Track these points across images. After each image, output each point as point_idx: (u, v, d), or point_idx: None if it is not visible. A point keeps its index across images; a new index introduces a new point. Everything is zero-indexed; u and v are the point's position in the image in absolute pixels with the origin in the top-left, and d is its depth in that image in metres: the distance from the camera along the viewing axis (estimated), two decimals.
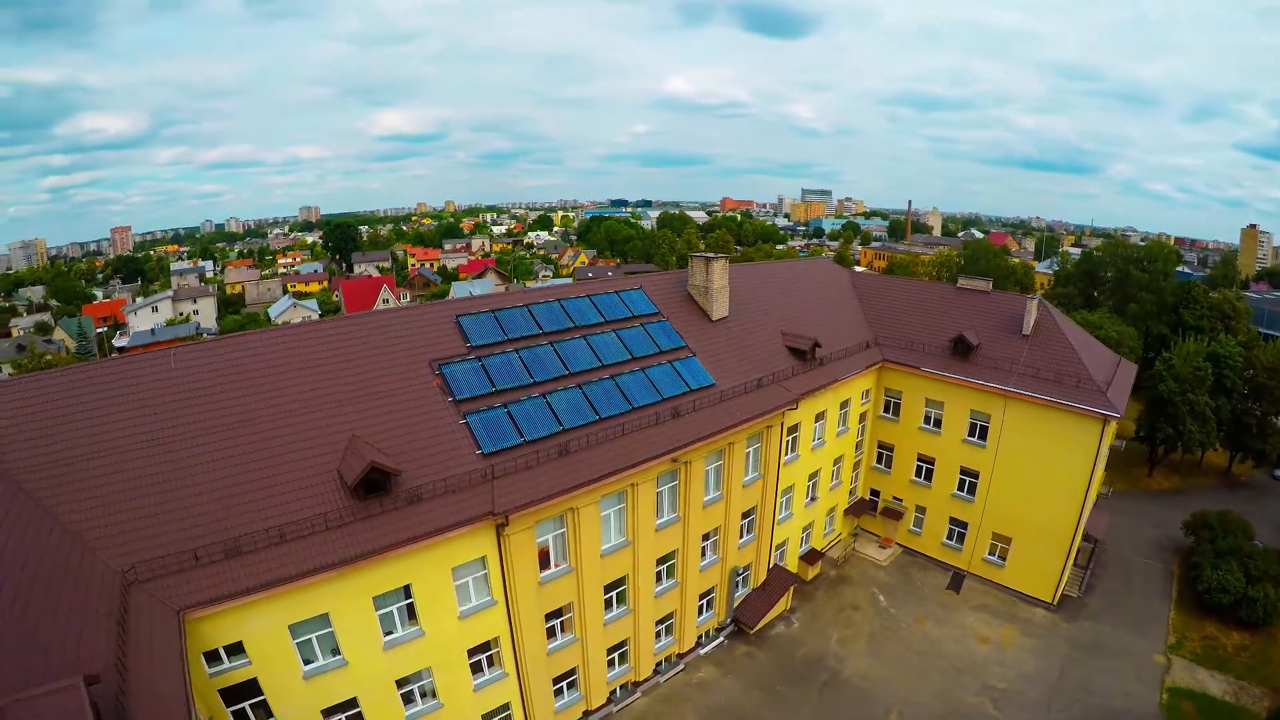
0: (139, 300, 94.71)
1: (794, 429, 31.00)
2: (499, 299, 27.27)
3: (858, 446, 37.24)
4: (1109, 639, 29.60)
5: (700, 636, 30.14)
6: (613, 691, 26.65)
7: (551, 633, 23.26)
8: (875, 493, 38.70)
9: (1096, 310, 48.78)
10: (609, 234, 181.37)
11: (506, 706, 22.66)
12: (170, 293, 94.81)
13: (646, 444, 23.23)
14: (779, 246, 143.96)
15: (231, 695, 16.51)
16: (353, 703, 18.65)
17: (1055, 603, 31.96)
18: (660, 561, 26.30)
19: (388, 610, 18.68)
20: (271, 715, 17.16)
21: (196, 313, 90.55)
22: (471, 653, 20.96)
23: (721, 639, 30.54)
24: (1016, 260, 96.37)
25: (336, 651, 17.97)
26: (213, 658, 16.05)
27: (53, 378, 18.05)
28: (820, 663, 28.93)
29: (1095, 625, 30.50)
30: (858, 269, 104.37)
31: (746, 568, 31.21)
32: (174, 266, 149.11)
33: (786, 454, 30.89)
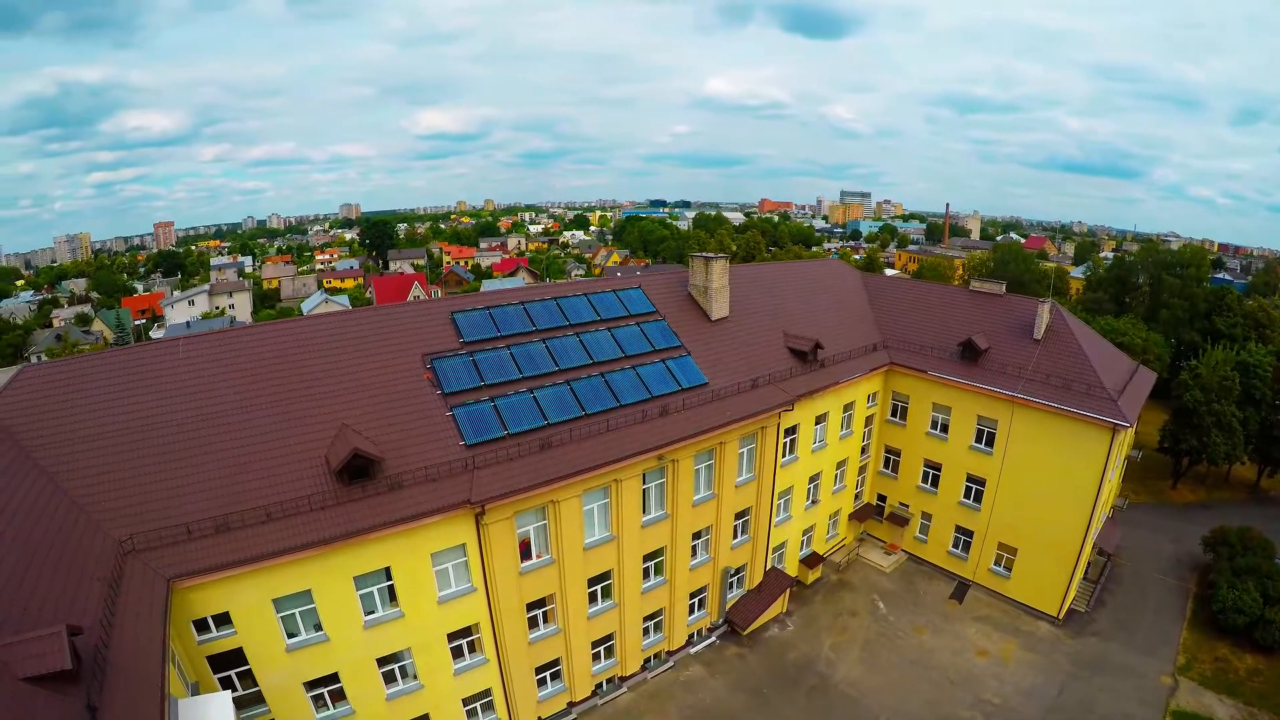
0: (176, 294, 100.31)
1: (792, 430, 31.19)
2: (497, 296, 28.36)
3: (864, 450, 37.11)
4: (1114, 657, 28.87)
5: (692, 635, 30.62)
6: (599, 685, 27.40)
7: (534, 623, 24.14)
8: (882, 498, 38.47)
9: (1123, 316, 47.16)
10: (643, 234, 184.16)
11: (488, 692, 23.67)
12: (207, 287, 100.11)
13: (630, 441, 23.89)
14: (814, 249, 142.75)
15: (219, 663, 17.91)
16: (334, 678, 19.89)
17: (1061, 617, 31.30)
18: (648, 558, 26.91)
19: (368, 590, 19.83)
20: (256, 685, 18.54)
21: (232, 306, 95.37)
22: (452, 637, 21.99)
23: (713, 639, 30.96)
24: (1050, 265, 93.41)
25: (319, 627, 19.19)
26: (202, 627, 17.44)
27: (71, 364, 19.84)
28: (810, 668, 29.07)
29: (1101, 642, 29.78)
30: (889, 272, 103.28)
31: (741, 569, 31.54)
32: (214, 261, 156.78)
33: (784, 455, 31.15)
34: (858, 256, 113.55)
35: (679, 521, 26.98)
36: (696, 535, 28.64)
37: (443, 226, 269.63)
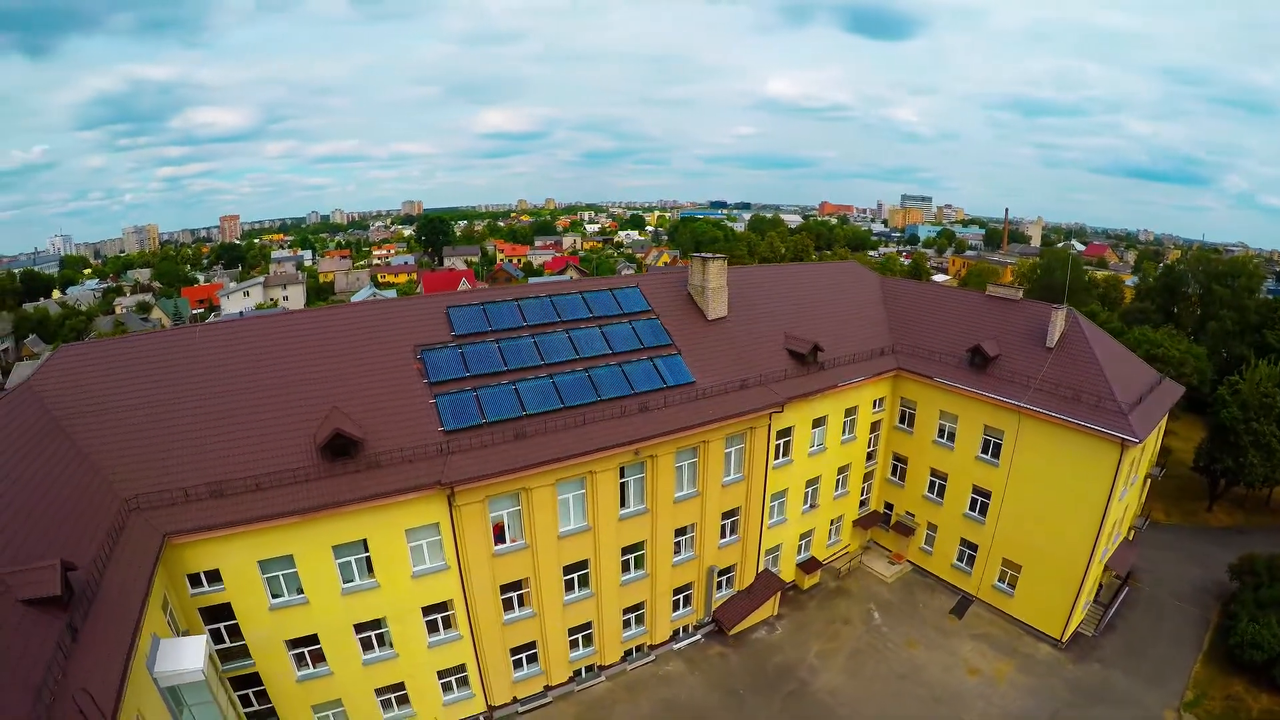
0: (232, 285, 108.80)
1: (786, 432, 31.65)
2: (495, 293, 30.34)
3: (870, 456, 37.00)
4: (1116, 686, 27.87)
5: (677, 631, 31.60)
6: (577, 671, 28.83)
7: (509, 604, 25.81)
8: (889, 506, 38.24)
9: (1162, 327, 44.49)
10: (695, 235, 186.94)
11: (463, 668, 25.50)
12: (262, 279, 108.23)
13: (603, 435, 25.20)
14: (871, 253, 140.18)
15: (210, 615, 20.44)
16: (314, 639, 22.16)
17: (1064, 640, 30.39)
18: (627, 551, 28.11)
19: (346, 560, 21.96)
20: (243, 639, 21.00)
21: (286, 298, 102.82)
22: (426, 611, 23.91)
23: (698, 636, 31.84)
24: (1103, 273, 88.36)
25: (300, 590, 21.47)
26: (195, 581, 19.97)
27: (101, 345, 23.02)
28: (792, 673, 29.49)
29: (1104, 670, 28.78)
30: (940, 278, 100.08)
31: (730, 568, 32.27)
32: (275, 255, 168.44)
33: (777, 458, 31.67)
34: (905, 261, 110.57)
35: (659, 517, 28.04)
36: (680, 532, 29.59)
37: (500, 224, 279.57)
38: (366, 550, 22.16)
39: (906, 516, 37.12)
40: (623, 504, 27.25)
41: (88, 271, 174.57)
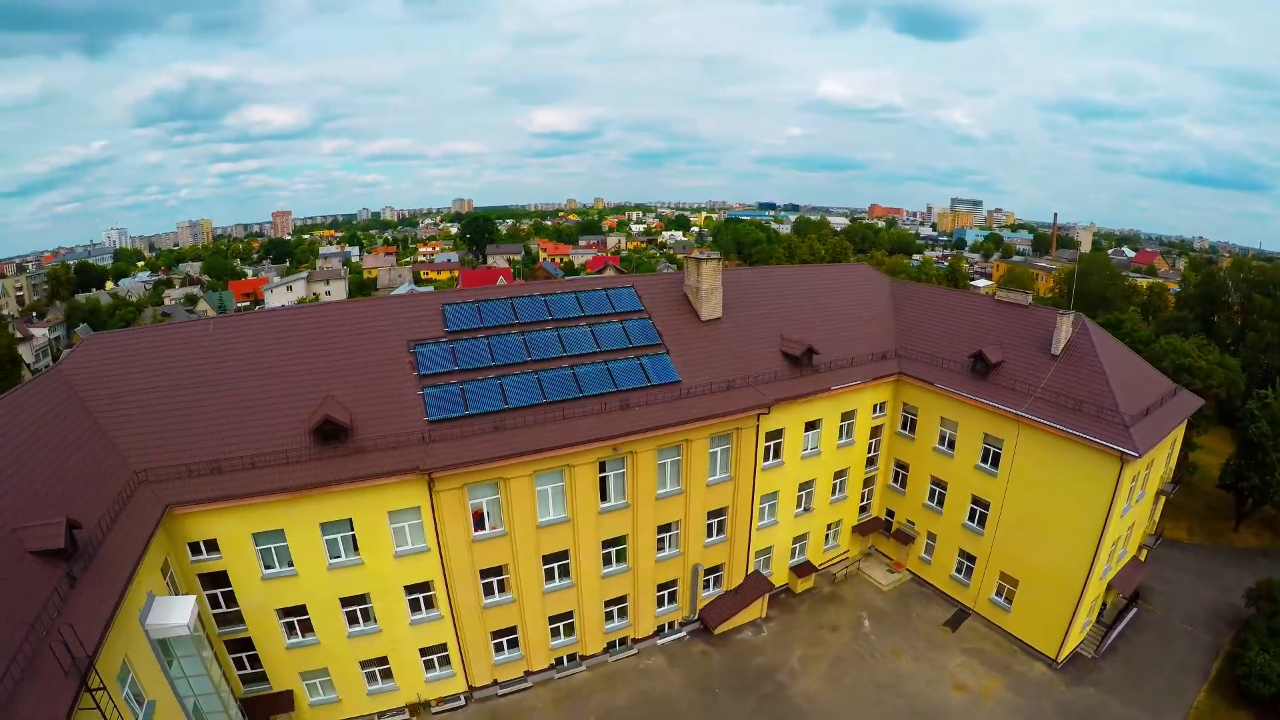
0: (276, 279, 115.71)
1: (777, 434, 32.29)
2: (490, 291, 32.22)
3: (871, 462, 37.10)
4: (1110, 713, 27.24)
5: (662, 626, 32.70)
6: (559, 659, 30.34)
7: (489, 589, 27.53)
8: (891, 513, 38.23)
9: (1193, 337, 42.27)
10: (737, 236, 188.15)
11: (444, 647, 27.37)
12: (305, 274, 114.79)
13: (581, 429, 26.59)
14: (914, 257, 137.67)
15: (209, 582, 22.92)
16: (302, 609, 24.43)
17: (1059, 660, 29.89)
18: (608, 544, 29.41)
19: (333, 537, 24.08)
20: (237, 605, 23.42)
21: (329, 293, 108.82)
22: (409, 590, 25.86)
23: (683, 633, 32.85)
24: (1145, 281, 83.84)
25: (290, 564, 23.75)
26: (195, 549, 22.47)
27: (127, 333, 25.94)
28: (771, 676, 30.12)
29: (1100, 694, 28.18)
30: (980, 283, 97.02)
31: (717, 568, 33.15)
32: (323, 250, 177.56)
33: (767, 459, 32.35)
34: (941, 265, 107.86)
35: (640, 513, 29.22)
36: (664, 529, 30.69)
37: (546, 224, 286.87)
38: (352, 529, 24.25)
39: (907, 524, 37.07)
40: (603, 498, 28.57)
41: (141, 264, 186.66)
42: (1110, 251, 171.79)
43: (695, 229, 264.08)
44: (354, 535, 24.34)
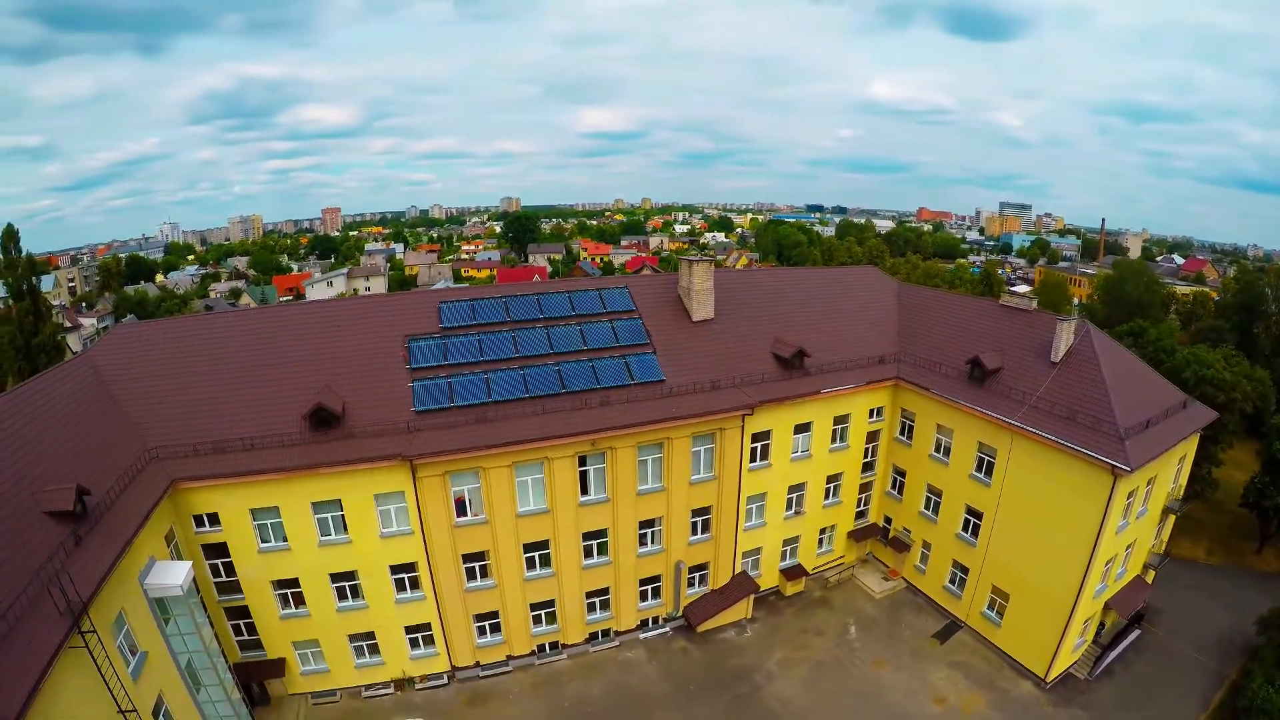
0: (317, 274, 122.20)
1: (764, 436, 33.12)
2: (486, 290, 34.29)
3: (868, 467, 37.38)
4: None
5: (646, 621, 34.00)
6: (540, 646, 32.06)
7: (471, 574, 29.47)
8: (889, 520, 38.40)
9: (1220, 347, 40.19)
10: (778, 238, 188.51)
11: (428, 626, 29.48)
12: (346, 270, 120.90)
13: (558, 424, 28.23)
14: (961, 260, 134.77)
15: (210, 552, 25.62)
16: (295, 582, 26.91)
17: (1048, 679, 29.58)
18: (589, 537, 30.92)
19: (324, 516, 26.42)
20: (236, 575, 26.07)
21: (368, 289, 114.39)
22: (394, 570, 28.03)
23: (667, 629, 34.08)
24: (1188, 289, 79.25)
25: (285, 539, 26.25)
26: (199, 522, 25.20)
27: (152, 324, 29.06)
28: (747, 676, 30.96)
29: (1087, 718, 27.78)
30: (1020, 288, 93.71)
31: (703, 566, 34.21)
32: (368, 247, 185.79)
33: (753, 460, 33.21)
34: (976, 269, 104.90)
35: (620, 507, 30.60)
36: (647, 524, 31.97)
37: (590, 223, 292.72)
38: (341, 509, 26.57)
39: (903, 532, 37.21)
40: (584, 492, 30.09)
41: (191, 258, 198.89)
42: (1159, 258, 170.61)
43: (740, 230, 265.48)
44: (343, 515, 26.62)
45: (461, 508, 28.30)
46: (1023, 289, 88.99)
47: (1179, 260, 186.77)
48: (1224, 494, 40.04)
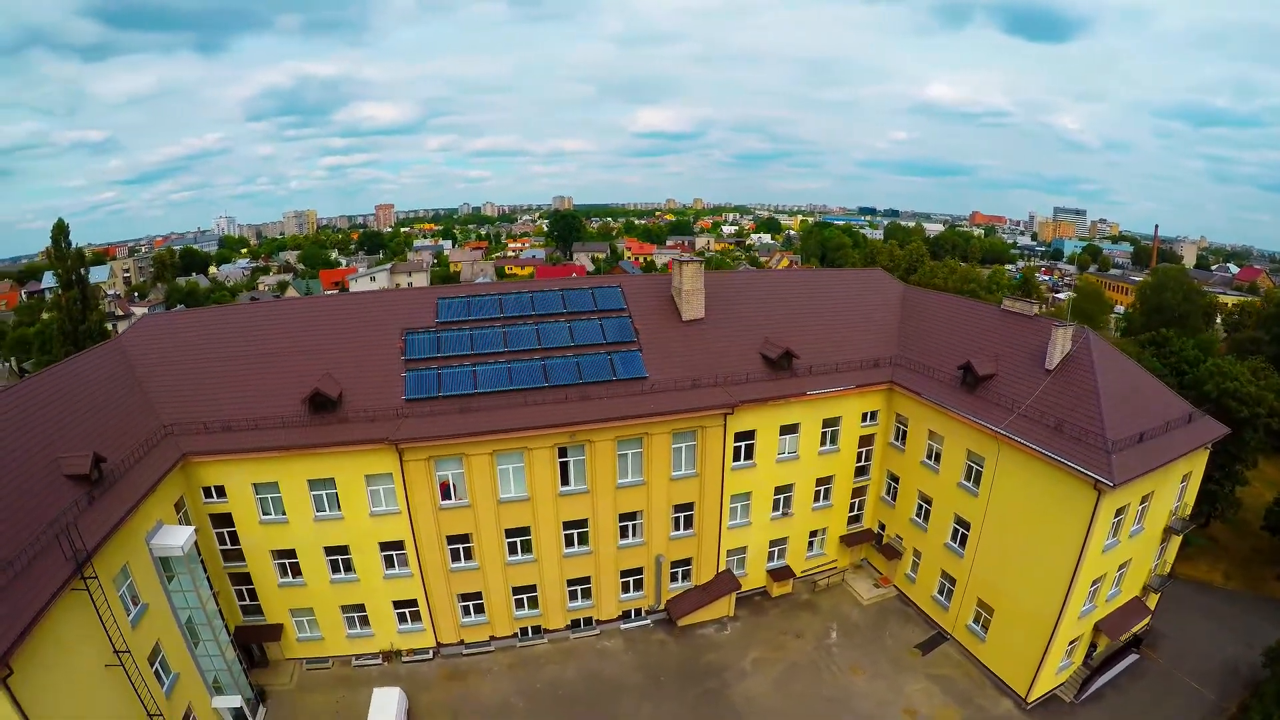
0: (362, 269, 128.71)
1: (748, 435, 34.16)
2: (481, 288, 36.69)
3: (862, 471, 37.79)
4: None
5: (629, 612, 35.59)
6: (523, 629, 34.13)
7: (455, 555, 31.79)
8: (883, 526, 38.68)
9: (1250, 359, 37.98)
10: (823, 240, 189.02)
11: (414, 602, 31.98)
12: (389, 266, 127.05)
13: (537, 415, 30.19)
14: (1010, 267, 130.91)
15: (217, 521, 28.81)
16: (292, 553, 29.85)
17: (1029, 700, 29.35)
18: (569, 526, 32.76)
19: (319, 493, 29.24)
20: (239, 544, 29.19)
21: (410, 284, 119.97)
22: (383, 546, 30.62)
23: (648, 621, 35.59)
24: (1235, 298, 73.90)
25: (284, 513, 29.20)
26: (208, 494, 28.40)
27: (174, 314, 32.70)
28: (718, 673, 31.97)
29: None
30: (1062, 296, 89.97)
31: (686, 561, 35.54)
32: (416, 244, 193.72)
33: (736, 459, 34.30)
34: (1015, 276, 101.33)
35: (599, 499, 32.27)
36: (628, 517, 33.56)
37: (639, 223, 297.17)
38: (334, 488, 29.34)
39: (896, 539, 37.45)
40: (565, 482, 31.93)
41: (244, 251, 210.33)
42: (1214, 267, 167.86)
43: (789, 232, 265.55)
44: (336, 493, 29.39)
45: (447, 492, 30.65)
46: (1065, 296, 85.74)
47: (1234, 269, 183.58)
48: (1250, 514, 38.34)
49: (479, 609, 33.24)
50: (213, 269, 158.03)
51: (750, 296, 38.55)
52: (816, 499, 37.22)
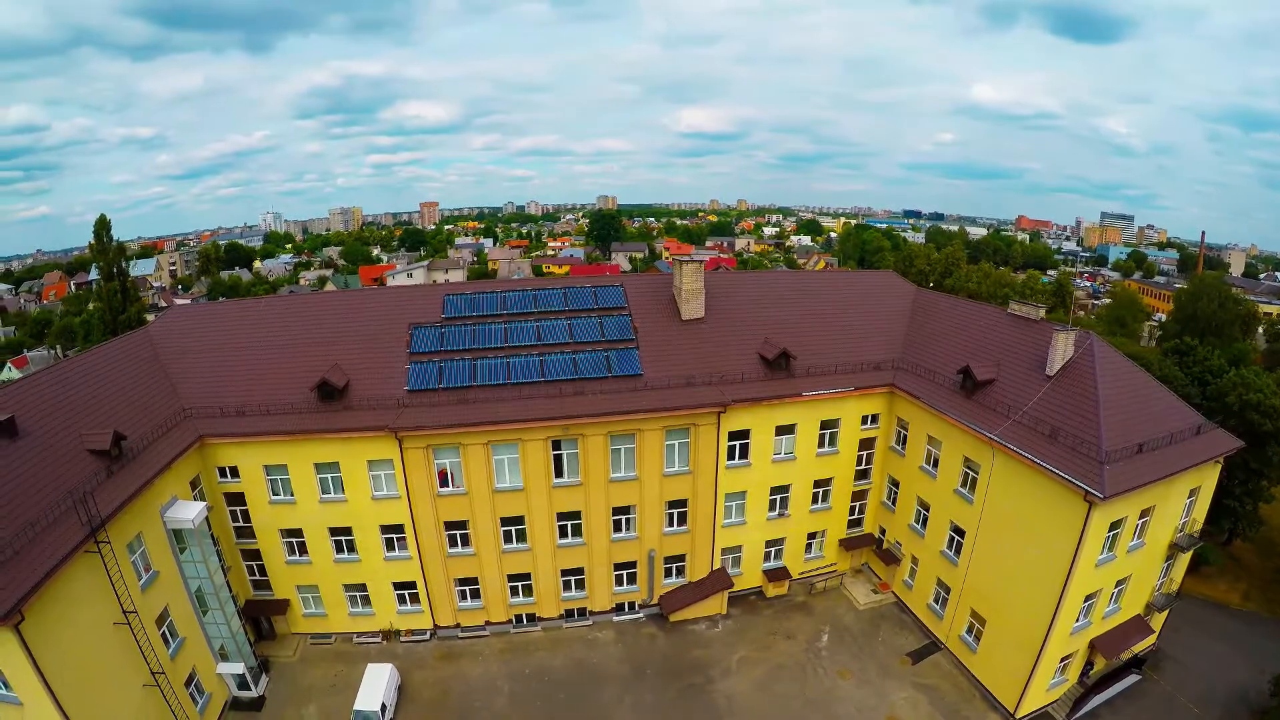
0: (399, 266, 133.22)
1: (743, 435, 34.71)
2: (487, 285, 38.31)
3: (863, 475, 37.81)
4: None
5: (623, 605, 36.58)
6: (518, 616, 35.53)
7: (453, 540, 33.39)
8: (884, 531, 38.62)
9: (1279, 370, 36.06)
10: (862, 243, 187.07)
11: (413, 584, 33.73)
12: (426, 263, 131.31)
13: (531, 409, 31.50)
14: (1051, 273, 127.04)
15: (230, 500, 31.12)
16: (299, 532, 31.97)
17: (1016, 715, 29.02)
18: (563, 517, 33.97)
19: (325, 477, 31.21)
20: (250, 522, 31.46)
21: (447, 281, 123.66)
22: (384, 530, 32.44)
23: (641, 614, 36.52)
24: (1276, 308, 69.07)
25: (291, 494, 31.32)
26: (223, 474, 30.73)
27: (199, 306, 35.34)
28: (703, 669, 32.57)
29: None
30: (1099, 300, 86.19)
31: (679, 558, 36.33)
32: (458, 241, 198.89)
33: (731, 458, 34.90)
34: (1047, 280, 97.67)
35: (592, 492, 33.37)
36: (621, 511, 34.56)
37: (679, 223, 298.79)
38: (339, 471, 31.29)
39: (895, 545, 37.38)
40: (559, 474, 33.16)
41: (289, 247, 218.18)
42: (1261, 275, 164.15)
43: (831, 234, 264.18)
44: (340, 477, 31.34)
45: (445, 479, 32.28)
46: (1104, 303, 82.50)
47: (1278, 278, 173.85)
48: (1275, 533, 36.60)
49: (475, 594, 34.79)
50: (256, 263, 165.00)
51: (753, 298, 39.08)
52: (814, 501, 37.46)
